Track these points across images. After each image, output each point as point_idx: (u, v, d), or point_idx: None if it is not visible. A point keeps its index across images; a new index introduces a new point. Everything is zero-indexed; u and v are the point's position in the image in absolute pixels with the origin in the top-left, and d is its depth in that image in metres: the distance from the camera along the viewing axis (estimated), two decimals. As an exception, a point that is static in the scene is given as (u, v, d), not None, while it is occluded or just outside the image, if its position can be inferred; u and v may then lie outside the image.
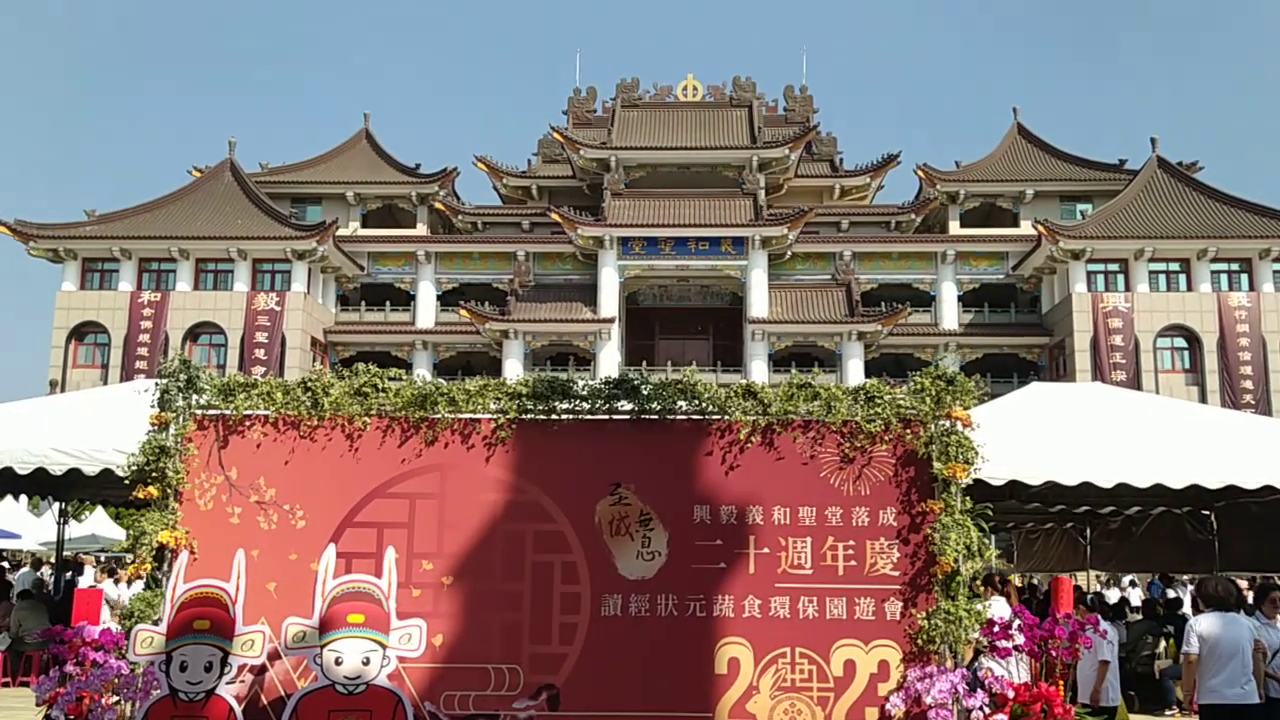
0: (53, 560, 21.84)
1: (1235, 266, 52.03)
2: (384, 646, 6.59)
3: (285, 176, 61.01)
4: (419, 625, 6.70)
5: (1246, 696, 8.28)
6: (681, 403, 7.63)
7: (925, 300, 56.46)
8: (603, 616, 7.31)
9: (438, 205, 60.10)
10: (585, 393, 7.63)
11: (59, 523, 17.24)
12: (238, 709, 6.56)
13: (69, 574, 18.92)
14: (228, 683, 6.61)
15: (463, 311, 54.08)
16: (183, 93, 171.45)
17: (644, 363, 50.34)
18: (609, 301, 54.36)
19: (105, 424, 9.83)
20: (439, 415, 7.56)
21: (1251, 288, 51.52)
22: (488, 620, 7.29)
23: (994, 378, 47.32)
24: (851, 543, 7.45)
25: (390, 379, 7.69)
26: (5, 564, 27.29)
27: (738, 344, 55.41)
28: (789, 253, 55.75)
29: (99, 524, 31.03)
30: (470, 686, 7.19)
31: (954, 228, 58.55)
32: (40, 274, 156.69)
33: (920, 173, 59.09)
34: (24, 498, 19.61)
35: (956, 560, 7.28)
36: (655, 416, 7.63)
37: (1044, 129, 78.85)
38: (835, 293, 55.27)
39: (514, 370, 51.96)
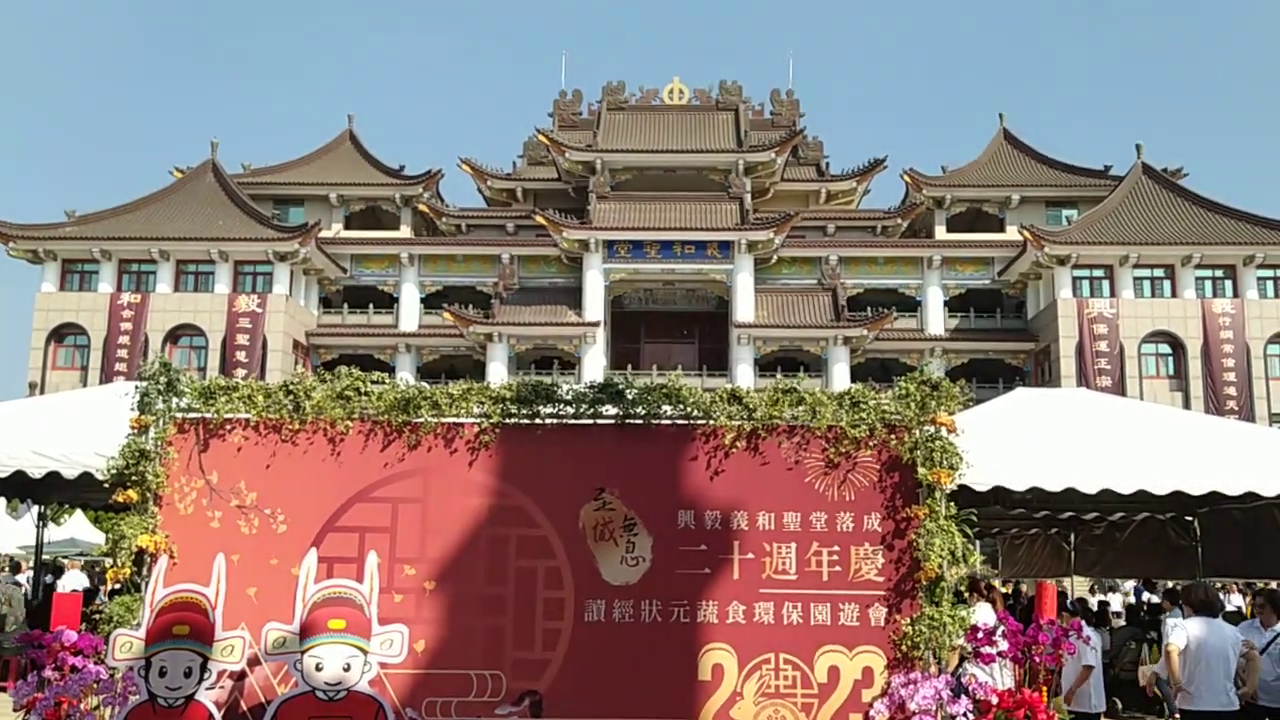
0: (31, 564, 21.67)
1: (1219, 273, 52.30)
2: (365, 652, 6.51)
3: (267, 178, 60.56)
4: (401, 631, 6.63)
5: (1229, 704, 8.31)
6: (666, 407, 7.59)
7: (911, 305, 56.59)
8: (586, 622, 7.27)
9: (422, 207, 59.79)
10: (570, 397, 7.59)
11: (38, 526, 17.06)
12: (217, 715, 6.48)
13: (49, 578, 18.79)
14: (207, 688, 6.53)
15: (446, 314, 53.79)
16: (166, 93, 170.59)
17: (629, 367, 50.25)
18: (594, 305, 54.25)
19: (85, 427, 9.73)
20: (422, 419, 7.51)
21: (1235, 294, 51.79)
22: (470, 626, 7.25)
23: (979, 383, 47.49)
24: (836, 548, 7.42)
25: (373, 382, 7.64)
26: None
27: (723, 348, 55.39)
28: (775, 257, 55.78)
29: (79, 528, 30.80)
30: (452, 692, 7.14)
31: (940, 233, 58.69)
32: (20, 275, 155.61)
33: (906, 178, 59.21)
34: (2, 500, 19.43)
35: (941, 566, 7.27)
36: (640, 421, 7.60)
37: (1030, 134, 79.25)
38: (821, 297, 55.35)
39: (498, 374, 51.74)
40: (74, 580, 18.94)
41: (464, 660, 7.19)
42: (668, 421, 7.61)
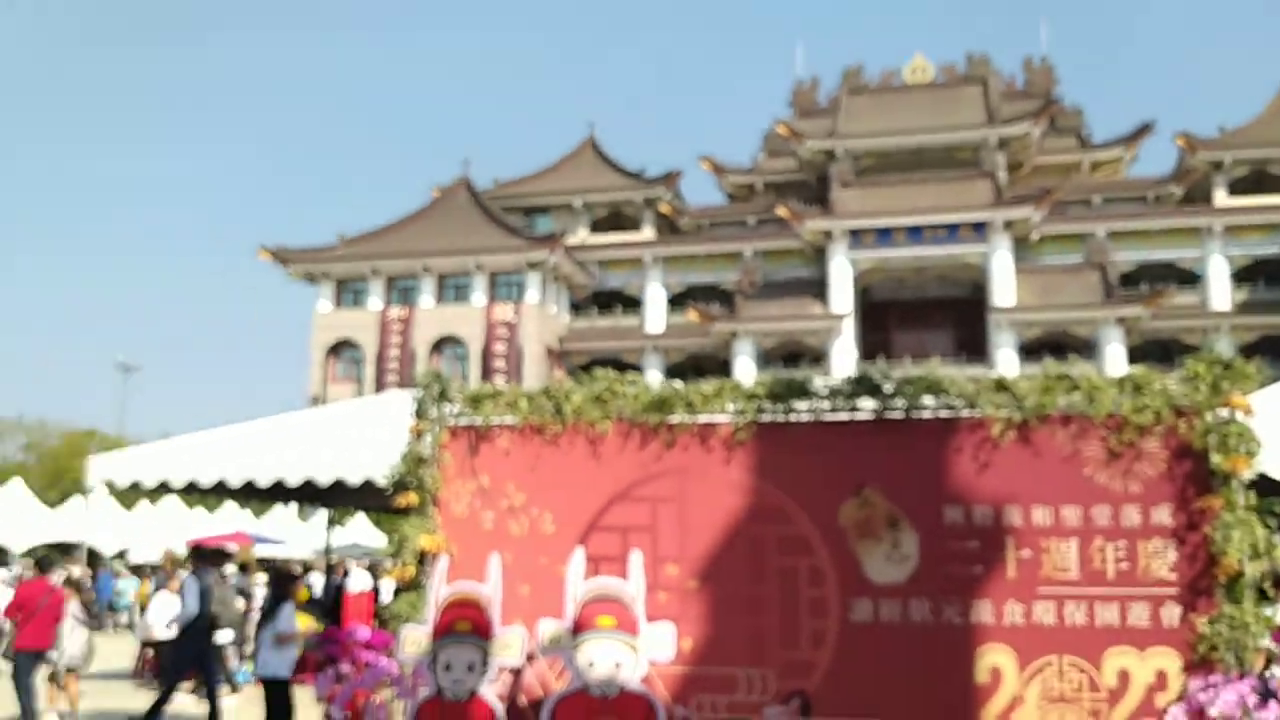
0: (319, 566, 23.38)
1: None
2: (635, 650, 6.61)
3: (515, 189, 63.06)
4: (668, 629, 6.70)
5: None
6: (927, 399, 7.32)
7: (1191, 279, 52.50)
8: (852, 621, 7.11)
9: (663, 208, 60.57)
10: (824, 392, 7.44)
11: (327, 530, 18.28)
12: (500, 709, 6.76)
13: (342, 577, 20.24)
14: (489, 682, 6.81)
15: (692, 313, 54.24)
16: (423, 113, 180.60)
17: (880, 358, 49.08)
18: (841, 296, 53.29)
19: (364, 436, 10.41)
20: (677, 419, 7.55)
21: None
22: (734, 624, 7.24)
23: (1273, 361, 43.47)
24: (1122, 544, 6.94)
25: (629, 384, 7.75)
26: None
27: (981, 334, 53.14)
28: (1035, 235, 53.05)
29: (360, 531, 33.02)
30: (720, 691, 7.16)
31: (1220, 198, 54.10)
32: (298, 294, 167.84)
33: (1180, 141, 54.93)
34: (294, 505, 21.01)
35: (1240, 561, 6.66)
36: (899, 414, 7.36)
37: (1321, 83, 71.59)
38: (1089, 275, 52.14)
39: (744, 370, 51.72)
40: (360, 580, 20.27)
41: (730, 659, 7.18)
42: (928, 414, 7.34)
